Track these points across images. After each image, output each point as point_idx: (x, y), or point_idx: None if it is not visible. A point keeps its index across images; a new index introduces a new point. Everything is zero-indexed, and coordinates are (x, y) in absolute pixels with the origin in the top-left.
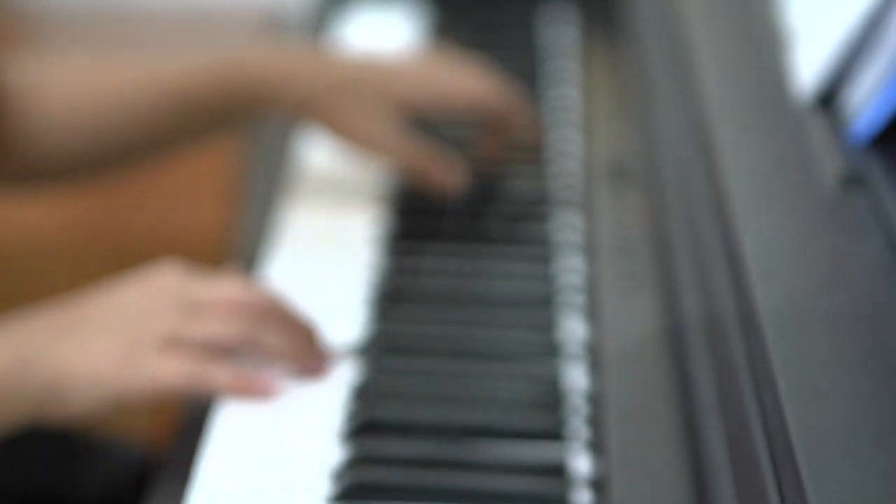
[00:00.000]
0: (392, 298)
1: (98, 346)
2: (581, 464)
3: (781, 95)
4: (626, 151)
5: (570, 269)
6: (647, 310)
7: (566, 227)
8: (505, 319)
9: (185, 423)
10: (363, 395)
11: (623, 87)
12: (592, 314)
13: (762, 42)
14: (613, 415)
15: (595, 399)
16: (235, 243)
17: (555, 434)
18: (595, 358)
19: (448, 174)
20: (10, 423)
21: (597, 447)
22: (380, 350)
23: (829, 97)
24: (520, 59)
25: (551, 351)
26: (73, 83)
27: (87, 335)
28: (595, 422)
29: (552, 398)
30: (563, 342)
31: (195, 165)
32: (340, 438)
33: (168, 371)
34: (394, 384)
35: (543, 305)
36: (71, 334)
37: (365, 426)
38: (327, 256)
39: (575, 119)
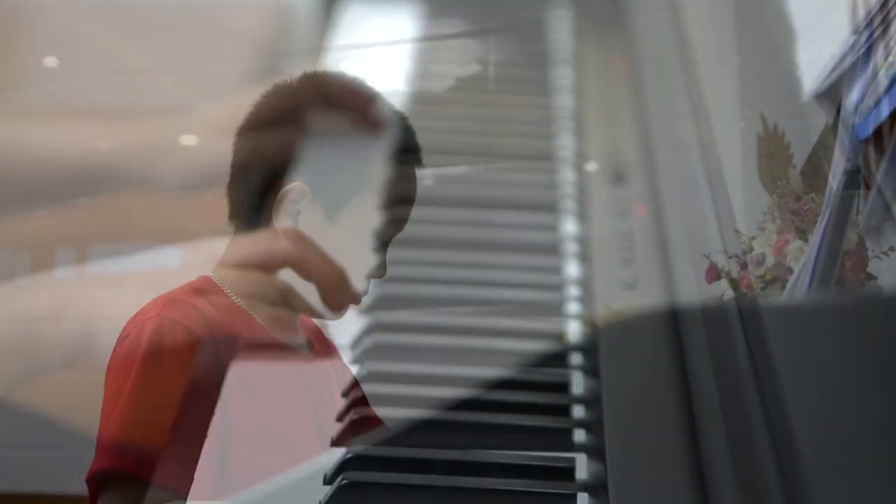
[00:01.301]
0: (392, 304)
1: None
2: (582, 466)
3: (782, 94)
4: (624, 154)
5: (570, 274)
6: (647, 311)
7: (566, 233)
8: (505, 323)
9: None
10: (360, 397)
11: (622, 90)
12: (592, 317)
13: (762, 41)
14: (614, 417)
15: (596, 402)
16: None
17: (556, 436)
18: (596, 362)
19: None
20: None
21: (597, 450)
22: (378, 353)
23: (830, 94)
24: (522, 65)
25: (554, 354)
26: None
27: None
28: (595, 424)
29: (555, 401)
30: (566, 345)
31: None
32: (338, 438)
33: None
34: (394, 386)
35: (545, 311)
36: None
37: (360, 425)
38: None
39: (572, 125)
